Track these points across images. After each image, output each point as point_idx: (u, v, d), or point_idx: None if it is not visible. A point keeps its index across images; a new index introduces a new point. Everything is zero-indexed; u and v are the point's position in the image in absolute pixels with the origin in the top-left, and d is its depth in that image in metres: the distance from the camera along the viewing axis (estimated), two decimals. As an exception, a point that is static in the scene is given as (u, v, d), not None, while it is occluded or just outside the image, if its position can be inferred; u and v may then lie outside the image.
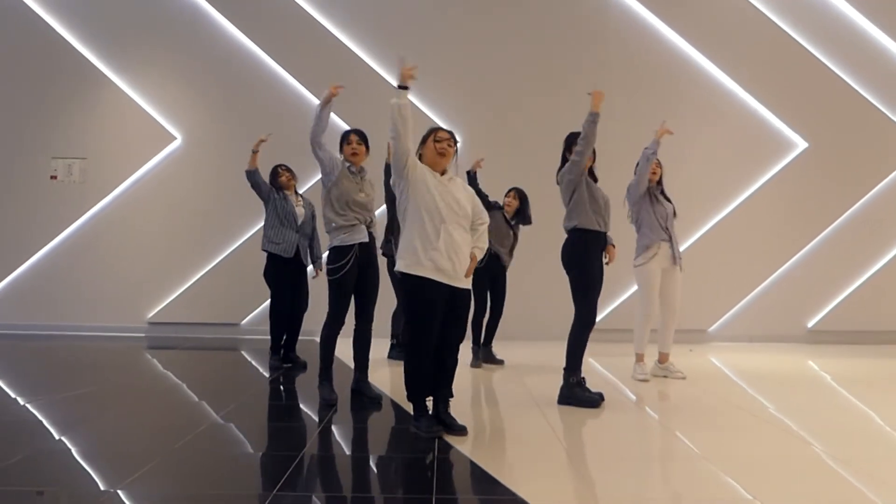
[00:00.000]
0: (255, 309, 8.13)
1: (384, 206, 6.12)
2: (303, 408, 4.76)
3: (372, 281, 4.61)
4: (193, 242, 8.25)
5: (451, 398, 3.92)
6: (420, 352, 3.79)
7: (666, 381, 5.57)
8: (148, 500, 2.90)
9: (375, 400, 4.61)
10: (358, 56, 8.24)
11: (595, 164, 4.77)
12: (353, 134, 4.66)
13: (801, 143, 8.36)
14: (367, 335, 4.67)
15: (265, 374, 5.89)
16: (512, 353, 6.45)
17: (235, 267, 8.09)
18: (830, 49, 8.40)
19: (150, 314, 8.24)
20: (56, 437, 3.79)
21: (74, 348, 7.25)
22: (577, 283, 4.65)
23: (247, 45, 8.33)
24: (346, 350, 4.73)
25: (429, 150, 3.92)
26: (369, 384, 4.73)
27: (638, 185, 5.53)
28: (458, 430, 3.77)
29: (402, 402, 4.30)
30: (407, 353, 3.90)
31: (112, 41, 8.36)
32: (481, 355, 6.23)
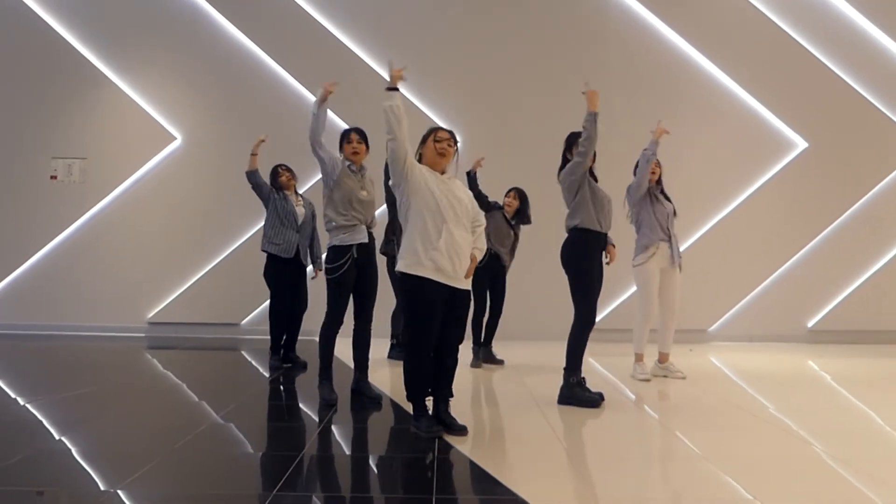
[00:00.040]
0: (255, 309, 8.14)
1: (384, 206, 6.12)
2: (303, 408, 4.76)
3: (371, 281, 4.61)
4: (193, 242, 8.26)
5: (451, 398, 3.92)
6: (419, 352, 3.79)
7: (666, 380, 5.57)
8: (148, 500, 2.90)
9: (375, 400, 4.61)
10: (358, 56, 8.24)
11: (595, 165, 4.77)
12: (354, 133, 4.65)
13: (801, 143, 8.37)
14: (367, 335, 4.68)
15: (265, 374, 5.90)
16: (512, 353, 6.45)
17: (235, 267, 8.10)
18: (830, 49, 8.40)
19: (150, 314, 8.24)
20: (56, 437, 3.78)
21: (74, 348, 7.25)
22: (577, 283, 4.65)
23: (247, 45, 8.34)
24: (346, 350, 4.73)
25: (429, 150, 3.92)
26: (369, 384, 4.74)
27: (638, 186, 5.53)
28: (458, 430, 3.77)
29: (402, 402, 4.30)
30: (406, 353, 3.90)
31: (112, 41, 8.36)
32: (481, 355, 6.23)
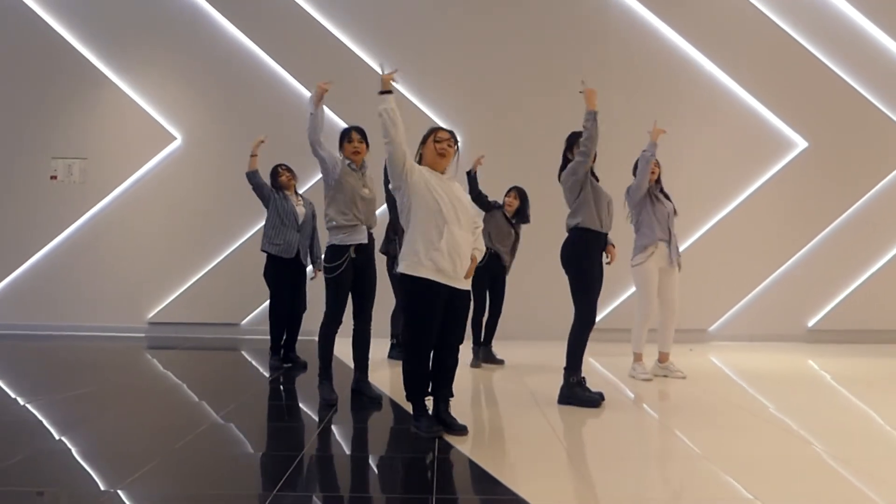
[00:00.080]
0: (255, 309, 8.13)
1: (384, 206, 6.12)
2: (303, 408, 4.76)
3: (370, 281, 4.62)
4: (193, 242, 8.26)
5: (452, 398, 3.92)
6: (419, 352, 3.79)
7: (666, 380, 5.57)
8: (148, 500, 2.90)
9: (375, 400, 4.61)
10: (358, 56, 8.23)
11: (595, 164, 4.76)
12: (355, 132, 4.64)
13: (801, 143, 8.37)
14: (367, 335, 4.68)
15: (265, 374, 5.90)
16: (512, 353, 6.45)
17: (235, 267, 8.09)
18: (830, 49, 8.40)
19: (150, 314, 8.24)
20: (56, 437, 3.78)
21: (74, 348, 7.25)
22: (577, 283, 4.65)
23: (247, 45, 8.33)
24: (346, 350, 4.73)
25: (429, 151, 3.92)
26: (369, 384, 4.74)
27: (638, 188, 5.53)
28: (459, 429, 3.77)
29: (402, 402, 4.30)
30: (406, 353, 3.89)
31: (112, 41, 8.36)
32: (481, 355, 6.23)
